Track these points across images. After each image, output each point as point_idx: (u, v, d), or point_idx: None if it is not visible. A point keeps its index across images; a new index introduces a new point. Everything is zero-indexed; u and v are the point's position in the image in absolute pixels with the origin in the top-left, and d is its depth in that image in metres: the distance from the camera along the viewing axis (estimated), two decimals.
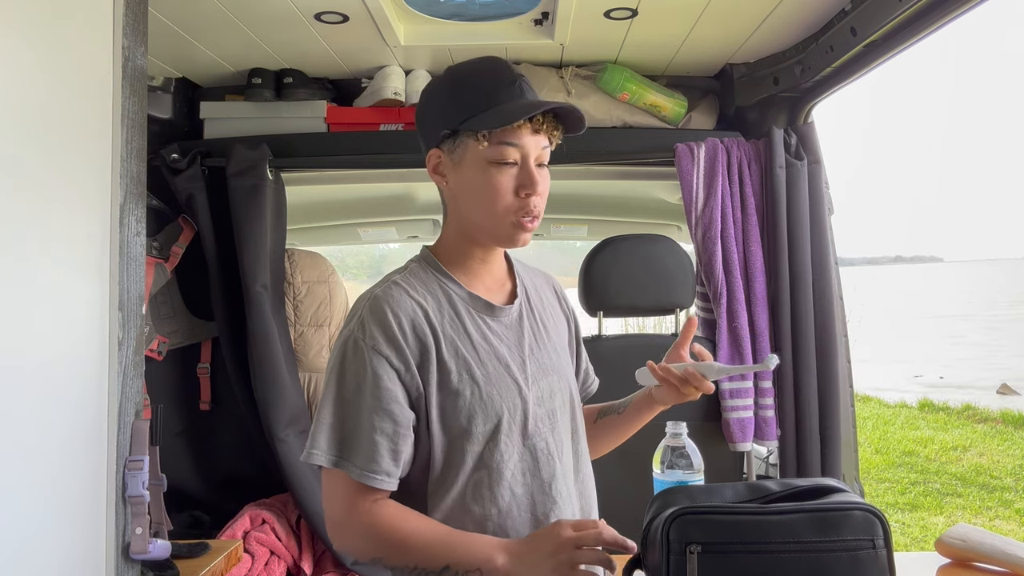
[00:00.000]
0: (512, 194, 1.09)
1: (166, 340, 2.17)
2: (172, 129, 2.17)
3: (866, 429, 7.35)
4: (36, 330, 1.07)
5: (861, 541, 0.93)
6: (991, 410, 7.94)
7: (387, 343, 1.06)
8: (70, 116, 1.14)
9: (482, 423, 1.08)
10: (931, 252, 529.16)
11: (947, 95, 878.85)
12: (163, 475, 1.32)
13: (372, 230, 3.22)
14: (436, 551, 1.02)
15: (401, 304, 1.09)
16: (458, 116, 1.09)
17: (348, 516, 1.06)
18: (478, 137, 1.07)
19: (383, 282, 1.14)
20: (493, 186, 1.08)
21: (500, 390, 1.10)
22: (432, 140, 1.14)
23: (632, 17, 1.83)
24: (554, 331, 1.25)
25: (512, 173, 1.09)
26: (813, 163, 2.08)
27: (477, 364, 1.10)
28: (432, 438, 1.08)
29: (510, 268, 1.25)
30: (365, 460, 1.04)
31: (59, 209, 1.12)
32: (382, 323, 1.07)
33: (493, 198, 1.08)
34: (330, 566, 2.11)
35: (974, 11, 1.45)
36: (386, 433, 1.04)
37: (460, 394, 1.08)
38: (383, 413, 1.05)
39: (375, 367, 1.05)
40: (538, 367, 1.17)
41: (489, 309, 1.16)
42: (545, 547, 0.98)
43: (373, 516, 1.05)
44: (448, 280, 1.15)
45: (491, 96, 1.08)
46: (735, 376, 2.05)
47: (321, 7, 1.73)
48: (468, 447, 1.08)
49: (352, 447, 1.04)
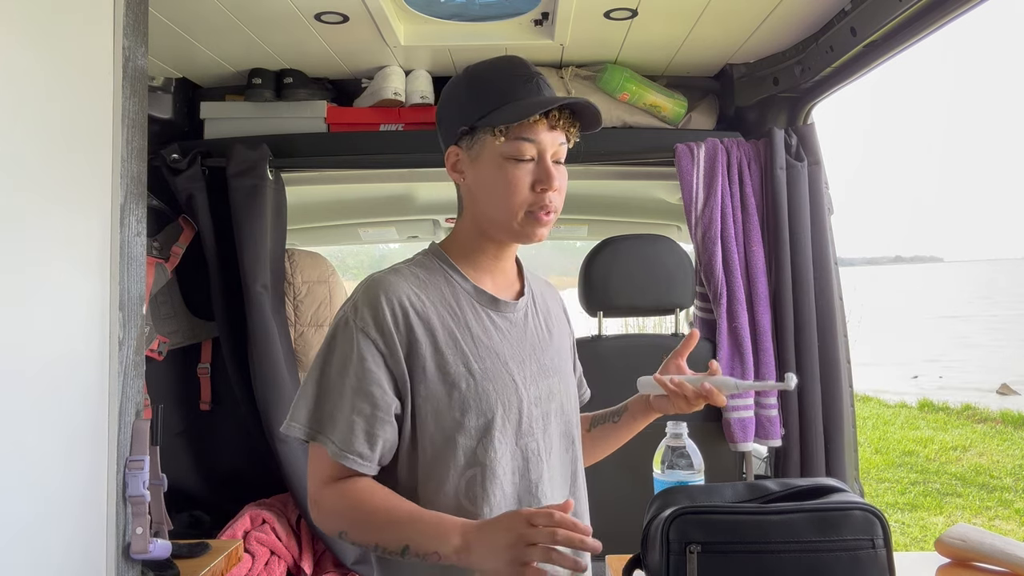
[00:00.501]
0: (528, 189, 1.10)
1: (166, 340, 2.18)
2: (172, 129, 2.17)
3: (866, 429, 7.35)
4: (36, 330, 1.07)
5: (861, 541, 0.93)
6: (991, 410, 7.94)
7: (376, 327, 1.06)
8: (70, 116, 1.14)
9: (475, 417, 1.08)
10: (931, 252, 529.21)
11: (947, 95, 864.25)
12: (163, 475, 1.32)
13: (372, 230, 3.22)
14: (398, 530, 1.01)
15: (397, 290, 1.09)
16: (476, 112, 1.10)
17: (320, 489, 1.07)
18: (495, 133, 1.08)
19: (387, 268, 1.15)
20: (509, 181, 1.09)
21: (496, 386, 1.10)
22: (450, 138, 1.15)
23: (632, 17, 1.83)
24: (558, 336, 1.25)
25: (528, 169, 1.10)
26: (813, 164, 2.08)
27: (475, 358, 1.10)
28: (421, 429, 1.08)
29: (520, 271, 1.25)
30: (341, 438, 1.04)
31: (59, 209, 1.12)
32: (374, 307, 1.07)
33: (510, 193, 1.09)
34: (330, 566, 2.11)
35: (974, 11, 1.45)
36: (363, 414, 1.05)
37: (455, 386, 1.08)
38: (363, 395, 1.05)
39: (361, 349, 1.06)
40: (539, 368, 1.16)
41: (494, 303, 1.16)
42: (501, 539, 0.93)
43: (341, 490, 1.05)
44: (454, 272, 1.15)
45: (508, 93, 1.09)
46: (736, 376, 2.05)
47: (321, 7, 1.73)
48: (460, 440, 1.07)
49: (330, 424, 1.05)
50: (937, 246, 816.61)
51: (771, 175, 2.05)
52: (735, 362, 2.06)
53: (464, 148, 1.13)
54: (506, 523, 0.94)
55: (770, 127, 2.07)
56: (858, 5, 1.64)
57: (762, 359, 2.05)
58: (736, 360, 2.06)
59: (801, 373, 2.03)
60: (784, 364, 2.05)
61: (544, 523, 0.91)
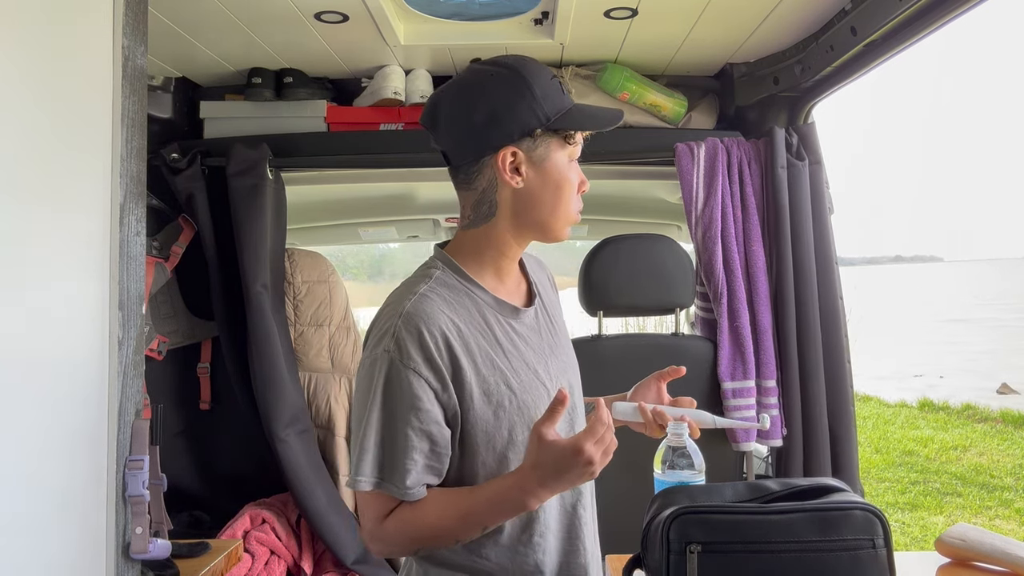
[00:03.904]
0: (577, 191, 1.15)
1: (166, 340, 2.17)
2: (172, 129, 2.17)
3: (866, 429, 7.35)
4: (36, 329, 1.07)
5: (861, 541, 0.93)
6: (991, 410, 7.93)
7: (426, 364, 1.03)
8: (70, 116, 1.14)
9: (522, 431, 1.09)
10: (931, 252, 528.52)
11: (947, 95, 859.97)
12: (163, 475, 1.32)
13: (372, 230, 3.22)
14: (470, 518, 1.04)
15: (435, 321, 1.05)
16: (545, 114, 1.08)
17: (377, 526, 1.07)
18: (563, 136, 1.11)
19: (409, 293, 1.09)
20: (571, 182, 1.13)
21: (533, 396, 1.11)
22: (504, 138, 1.09)
23: (632, 17, 1.83)
24: (560, 324, 1.27)
25: (577, 170, 1.15)
26: (814, 163, 2.08)
27: (512, 373, 1.10)
28: (470, 454, 1.08)
29: (522, 265, 1.25)
30: (403, 481, 1.04)
31: (59, 208, 1.12)
32: (419, 343, 1.03)
33: (571, 194, 1.14)
34: (330, 566, 2.11)
35: (974, 11, 1.45)
36: (423, 452, 1.04)
37: (500, 405, 1.08)
38: (422, 435, 1.04)
39: (415, 390, 1.03)
40: (558, 365, 1.19)
41: (514, 313, 1.15)
42: (565, 474, 0.99)
43: (400, 516, 1.05)
44: (474, 287, 1.13)
45: (562, 96, 1.12)
46: (738, 376, 2.05)
47: (321, 7, 1.73)
48: (511, 456, 1.09)
49: (392, 470, 1.04)
50: (937, 246, 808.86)
51: (772, 174, 2.05)
52: (736, 361, 2.06)
53: (525, 149, 1.09)
54: (561, 461, 0.98)
55: (770, 126, 2.07)
56: (858, 5, 1.64)
57: (763, 358, 2.05)
58: (737, 359, 2.06)
59: (805, 372, 2.03)
60: (787, 363, 2.04)
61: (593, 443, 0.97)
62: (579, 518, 1.17)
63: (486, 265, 1.15)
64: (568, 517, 1.16)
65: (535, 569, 1.10)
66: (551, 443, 0.98)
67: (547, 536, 1.12)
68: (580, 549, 1.16)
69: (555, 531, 1.14)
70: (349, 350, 2.36)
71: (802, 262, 2.05)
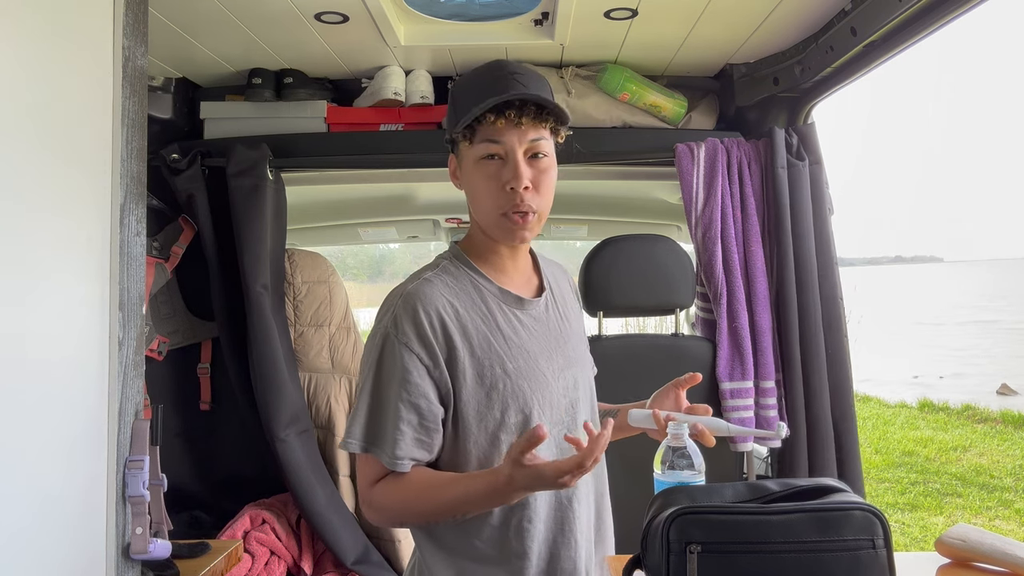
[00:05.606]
0: (500, 190, 1.12)
1: (166, 340, 2.17)
2: (172, 129, 2.17)
3: (866, 429, 7.35)
4: (36, 330, 1.07)
5: (861, 541, 0.93)
6: (991, 410, 7.94)
7: (418, 340, 1.11)
8: (70, 116, 1.14)
9: (514, 414, 1.13)
10: (931, 252, 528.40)
11: (947, 95, 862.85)
12: (163, 475, 1.32)
13: (372, 230, 3.22)
14: (447, 507, 1.10)
15: (432, 302, 1.13)
16: (453, 121, 1.16)
17: (369, 489, 1.14)
18: (465, 138, 1.13)
19: (415, 278, 1.18)
20: (480, 183, 1.14)
21: (530, 382, 1.15)
22: (448, 147, 1.22)
23: (632, 17, 1.83)
24: (575, 322, 1.30)
25: (498, 169, 1.12)
26: (814, 163, 2.08)
27: (509, 358, 1.14)
28: (464, 433, 1.13)
29: (535, 263, 1.30)
30: (392, 449, 1.10)
31: (59, 209, 1.12)
32: (414, 321, 1.11)
33: (483, 195, 1.14)
34: (330, 566, 2.11)
35: (974, 11, 1.45)
36: (411, 424, 1.10)
37: (494, 387, 1.13)
38: (410, 407, 1.10)
39: (406, 363, 1.10)
40: (564, 359, 1.22)
41: (519, 303, 1.20)
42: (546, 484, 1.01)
43: (390, 484, 1.12)
44: (479, 276, 1.19)
45: (479, 97, 1.10)
46: (736, 376, 2.05)
47: (321, 7, 1.73)
48: (503, 437, 1.13)
49: (382, 436, 1.11)
50: (937, 246, 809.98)
51: (772, 174, 2.05)
52: (735, 362, 2.06)
53: (456, 156, 1.20)
54: (537, 482, 1.01)
55: (770, 127, 2.07)
56: (858, 5, 1.64)
57: (761, 359, 2.05)
58: (736, 359, 2.06)
59: (807, 373, 2.03)
60: (789, 364, 2.04)
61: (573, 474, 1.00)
62: (573, 511, 1.19)
63: (488, 258, 1.21)
64: (561, 510, 1.18)
65: (522, 554, 1.14)
66: (527, 466, 1.00)
67: (536, 523, 1.15)
68: (572, 543, 1.18)
69: (545, 520, 1.16)
70: (349, 350, 2.36)
71: (802, 262, 2.05)
